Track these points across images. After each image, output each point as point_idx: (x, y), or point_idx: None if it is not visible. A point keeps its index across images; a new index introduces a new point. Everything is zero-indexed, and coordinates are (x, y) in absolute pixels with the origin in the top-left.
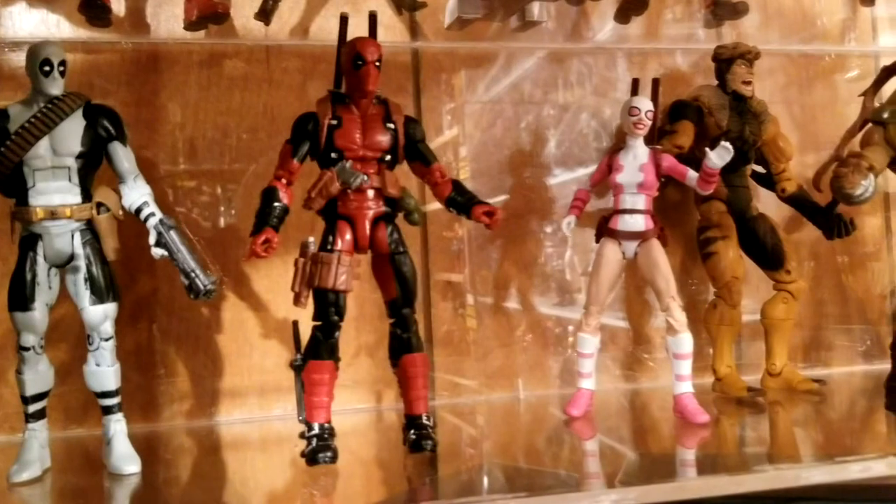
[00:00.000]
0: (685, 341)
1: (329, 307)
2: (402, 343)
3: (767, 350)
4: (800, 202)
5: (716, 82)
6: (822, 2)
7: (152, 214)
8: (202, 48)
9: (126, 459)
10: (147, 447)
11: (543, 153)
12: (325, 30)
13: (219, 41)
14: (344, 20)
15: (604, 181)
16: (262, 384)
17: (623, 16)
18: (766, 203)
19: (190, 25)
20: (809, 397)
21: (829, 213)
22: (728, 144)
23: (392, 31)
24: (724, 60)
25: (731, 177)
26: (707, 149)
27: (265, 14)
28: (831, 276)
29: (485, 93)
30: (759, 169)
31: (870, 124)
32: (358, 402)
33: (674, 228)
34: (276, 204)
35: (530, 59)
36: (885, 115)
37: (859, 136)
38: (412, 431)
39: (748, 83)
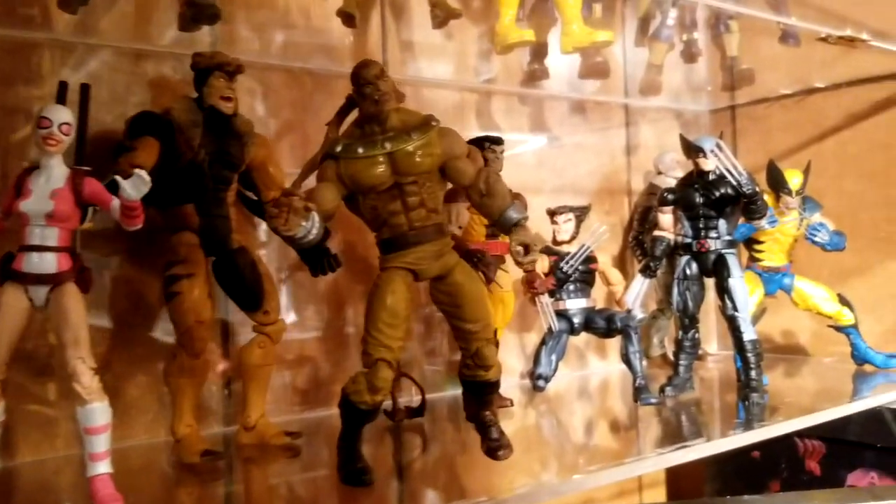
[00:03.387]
0: (98, 413)
1: None
2: None
3: (244, 401)
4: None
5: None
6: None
7: None
8: None
9: None
10: None
11: None
12: None
13: None
14: None
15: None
16: None
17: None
18: None
19: None
20: (285, 453)
21: (316, 249)
22: (143, 173)
23: None
24: (202, 70)
25: (206, 205)
26: (118, 177)
27: None
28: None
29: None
30: (251, 195)
31: (328, 159)
32: None
33: None
34: None
35: None
36: (338, 149)
37: None
38: None
39: (228, 99)
